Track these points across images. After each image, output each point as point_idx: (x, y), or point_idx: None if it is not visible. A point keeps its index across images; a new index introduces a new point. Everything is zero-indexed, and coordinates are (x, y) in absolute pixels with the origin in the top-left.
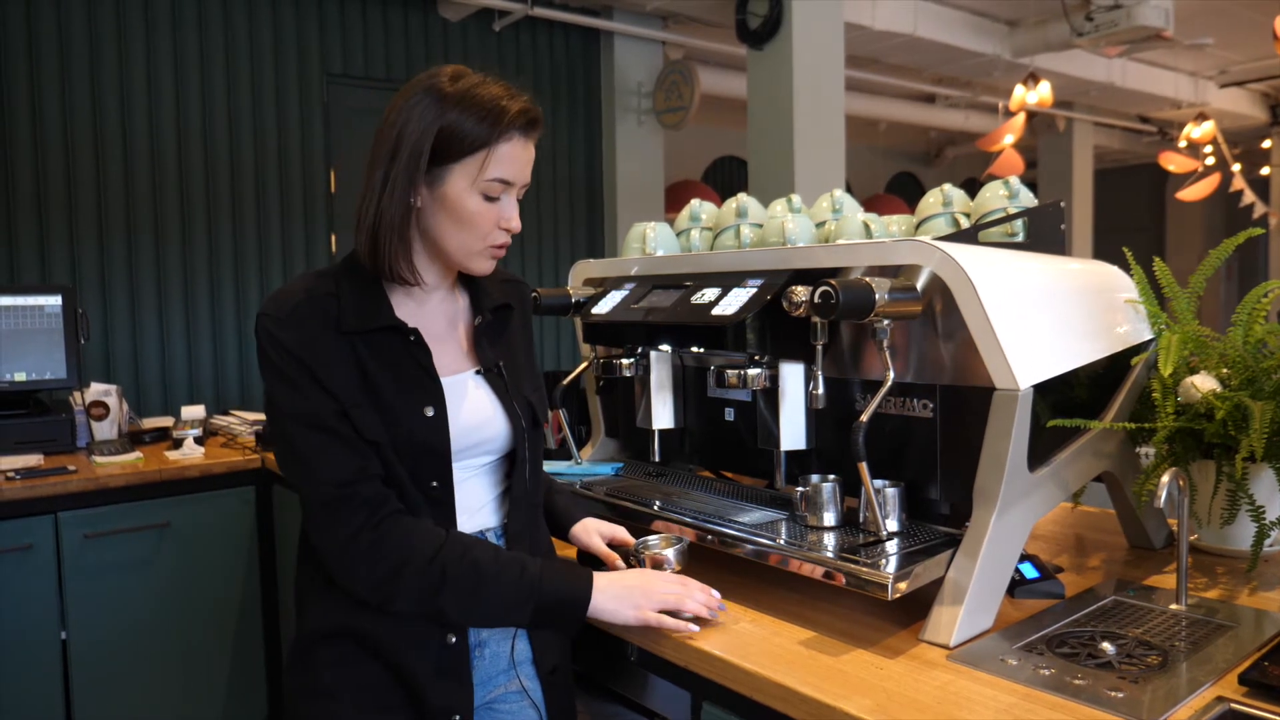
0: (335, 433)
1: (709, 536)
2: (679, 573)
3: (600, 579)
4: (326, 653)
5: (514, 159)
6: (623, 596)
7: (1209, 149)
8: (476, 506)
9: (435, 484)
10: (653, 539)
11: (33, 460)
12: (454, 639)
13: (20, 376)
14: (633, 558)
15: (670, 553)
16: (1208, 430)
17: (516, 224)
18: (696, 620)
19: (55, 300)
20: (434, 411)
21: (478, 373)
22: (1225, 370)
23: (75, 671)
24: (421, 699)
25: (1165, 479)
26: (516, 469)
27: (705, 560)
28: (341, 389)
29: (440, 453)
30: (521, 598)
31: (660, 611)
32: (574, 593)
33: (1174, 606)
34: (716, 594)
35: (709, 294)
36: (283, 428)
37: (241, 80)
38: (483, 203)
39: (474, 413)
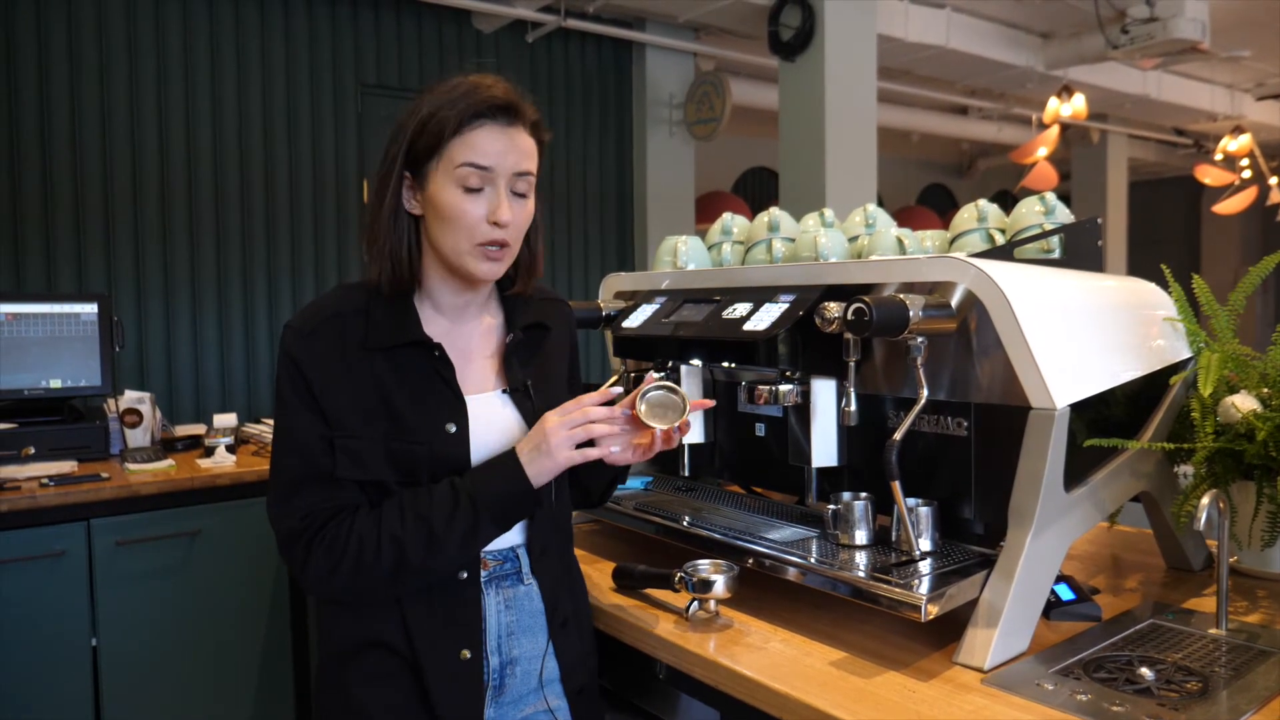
0: (313, 466)
1: (739, 554)
2: (726, 600)
3: (521, 452)
4: (354, 669)
5: (487, 145)
6: (534, 460)
7: (1245, 162)
8: None
9: None
10: (702, 563)
11: (66, 467)
12: (468, 654)
13: (55, 383)
14: (679, 582)
15: (720, 579)
16: (1248, 451)
17: (505, 216)
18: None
19: (91, 308)
20: (456, 428)
21: (504, 392)
22: (1266, 390)
23: (105, 679)
24: (435, 713)
25: (1205, 500)
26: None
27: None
28: (343, 413)
29: (461, 470)
30: (469, 520)
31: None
32: (509, 483)
33: (1214, 631)
34: (621, 412)
35: (741, 309)
36: (275, 440)
37: (276, 90)
38: (461, 195)
39: (498, 432)
